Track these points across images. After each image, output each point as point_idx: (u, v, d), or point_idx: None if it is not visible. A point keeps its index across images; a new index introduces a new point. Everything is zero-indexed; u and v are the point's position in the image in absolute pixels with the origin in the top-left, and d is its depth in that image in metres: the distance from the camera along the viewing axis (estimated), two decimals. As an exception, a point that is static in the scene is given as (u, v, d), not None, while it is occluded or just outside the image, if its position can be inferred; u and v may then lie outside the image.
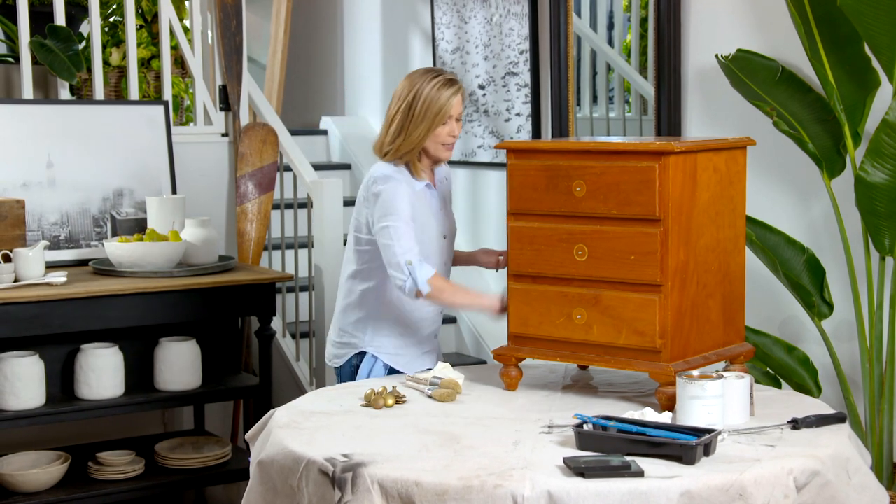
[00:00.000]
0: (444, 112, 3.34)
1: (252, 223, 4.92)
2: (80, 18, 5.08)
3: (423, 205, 3.40)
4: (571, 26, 4.85)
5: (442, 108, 3.33)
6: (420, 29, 5.96)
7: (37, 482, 4.04)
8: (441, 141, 3.37)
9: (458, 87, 3.37)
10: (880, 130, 3.48)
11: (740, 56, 3.86)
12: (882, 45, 3.49)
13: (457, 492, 2.33)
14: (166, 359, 4.25)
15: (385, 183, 3.33)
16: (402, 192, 3.32)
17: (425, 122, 3.33)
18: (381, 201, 3.32)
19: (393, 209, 3.29)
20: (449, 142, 3.39)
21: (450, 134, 3.37)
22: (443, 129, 3.36)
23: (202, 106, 5.05)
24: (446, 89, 3.34)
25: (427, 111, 3.33)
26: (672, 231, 2.81)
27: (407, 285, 3.26)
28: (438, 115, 3.33)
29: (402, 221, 3.29)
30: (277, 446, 2.64)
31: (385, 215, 3.30)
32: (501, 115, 5.29)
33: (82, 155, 4.53)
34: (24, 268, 3.99)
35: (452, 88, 3.35)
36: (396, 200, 3.30)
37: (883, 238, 3.58)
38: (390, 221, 3.29)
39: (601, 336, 2.91)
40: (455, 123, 3.38)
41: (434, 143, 3.37)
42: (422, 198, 3.40)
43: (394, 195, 3.31)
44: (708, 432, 2.49)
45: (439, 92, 3.33)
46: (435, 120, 3.34)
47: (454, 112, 3.36)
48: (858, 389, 3.83)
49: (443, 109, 3.33)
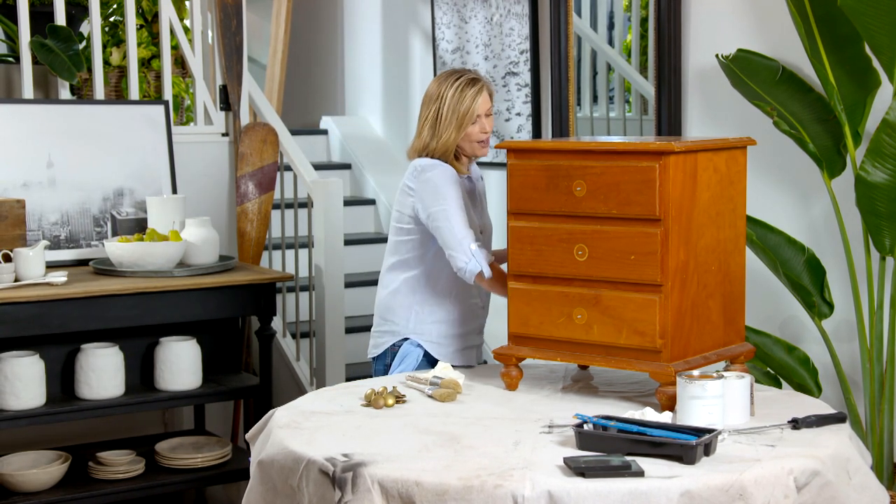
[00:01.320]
0: (471, 113, 3.40)
1: (252, 223, 4.92)
2: (80, 18, 5.08)
3: (466, 196, 3.44)
4: (572, 26, 4.85)
5: (468, 110, 3.40)
6: (420, 29, 5.96)
7: (37, 482, 4.04)
8: (475, 139, 3.43)
9: (480, 85, 3.43)
10: (881, 130, 3.48)
11: (741, 56, 3.86)
12: (882, 44, 3.48)
13: (457, 492, 2.33)
14: (166, 359, 4.25)
15: (433, 169, 3.37)
16: (451, 178, 3.37)
17: (454, 125, 3.40)
18: (431, 186, 3.35)
19: (446, 193, 3.34)
20: (482, 139, 3.45)
21: (482, 131, 3.44)
22: (474, 129, 3.42)
23: (202, 106, 5.05)
24: (469, 89, 3.41)
25: (453, 114, 3.40)
26: (672, 231, 2.81)
27: (469, 266, 3.28)
28: (466, 116, 3.40)
29: (456, 205, 3.33)
30: (277, 446, 2.64)
31: (438, 199, 3.34)
32: (502, 114, 5.29)
33: (83, 155, 4.53)
34: (25, 267, 3.99)
35: (475, 88, 3.41)
36: (448, 186, 3.35)
37: (883, 238, 3.58)
38: (445, 205, 3.33)
39: (601, 336, 2.91)
40: (486, 119, 3.44)
41: (468, 142, 3.43)
42: (464, 189, 3.45)
43: (444, 180, 3.35)
44: (708, 432, 2.49)
45: (462, 93, 3.40)
46: (464, 121, 3.40)
47: (481, 110, 3.42)
48: (859, 389, 3.83)
49: (469, 110, 3.40)
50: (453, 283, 3.43)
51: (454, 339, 3.47)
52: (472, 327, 3.52)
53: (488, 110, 3.45)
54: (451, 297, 3.46)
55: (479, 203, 3.55)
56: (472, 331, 3.52)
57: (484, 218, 3.54)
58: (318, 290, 4.76)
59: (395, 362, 3.46)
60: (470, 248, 3.28)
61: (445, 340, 3.46)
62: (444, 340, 3.46)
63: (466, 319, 3.49)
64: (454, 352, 3.47)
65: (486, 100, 3.43)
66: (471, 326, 3.52)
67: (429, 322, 3.46)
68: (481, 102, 3.42)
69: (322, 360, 4.69)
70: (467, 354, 3.52)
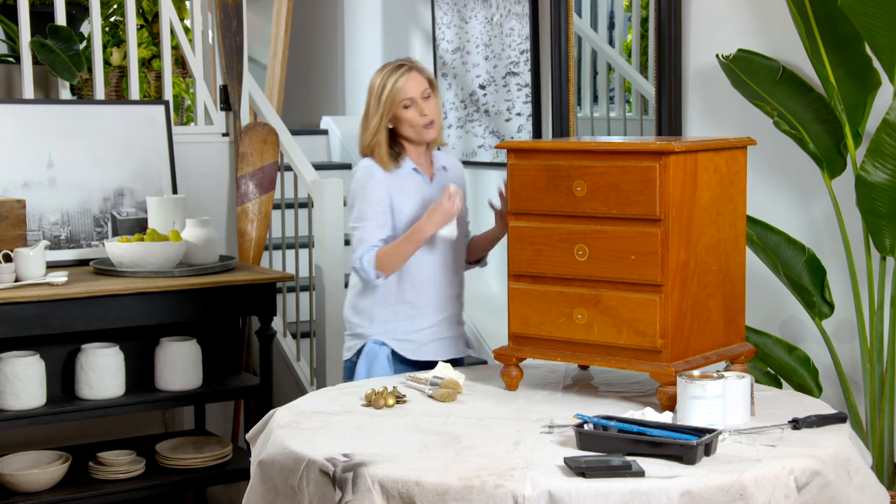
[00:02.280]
0: (397, 96, 3.35)
1: (253, 223, 4.92)
2: (80, 18, 5.08)
3: (409, 189, 3.40)
4: (572, 26, 4.85)
5: (393, 94, 3.35)
6: (420, 29, 5.96)
7: (37, 482, 4.04)
8: (415, 123, 3.38)
9: (405, 68, 3.38)
10: (881, 130, 3.48)
11: (741, 56, 3.86)
12: (883, 44, 3.48)
13: (457, 492, 2.33)
14: (167, 359, 4.25)
15: (354, 184, 3.41)
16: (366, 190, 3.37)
17: (378, 113, 3.37)
18: (351, 196, 3.41)
19: (354, 210, 3.39)
20: (423, 122, 3.38)
21: (420, 114, 3.38)
22: (409, 113, 3.37)
23: (203, 106, 5.05)
24: (393, 74, 3.37)
25: (377, 102, 3.38)
26: (672, 231, 2.81)
27: (369, 277, 3.33)
28: (392, 101, 3.36)
29: (362, 222, 3.36)
30: (278, 446, 2.64)
31: (352, 220, 3.40)
32: (502, 114, 5.29)
33: (83, 155, 4.54)
34: (25, 268, 3.99)
35: (399, 72, 3.37)
36: (359, 201, 3.38)
37: (883, 238, 3.58)
38: (354, 224, 3.39)
39: (602, 336, 2.91)
40: (422, 102, 3.37)
41: (409, 127, 3.39)
42: (405, 182, 3.40)
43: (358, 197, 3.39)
44: (709, 432, 2.49)
45: (387, 79, 3.37)
46: (392, 105, 3.36)
47: (411, 93, 3.36)
48: (859, 389, 3.83)
49: (394, 94, 3.35)
50: (413, 277, 3.41)
51: (419, 334, 3.44)
52: (438, 319, 3.47)
53: (424, 93, 3.38)
54: (413, 292, 3.43)
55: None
56: (439, 322, 3.47)
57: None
58: (318, 290, 4.76)
59: (361, 363, 3.44)
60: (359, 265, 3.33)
61: (410, 336, 3.44)
62: (409, 336, 3.44)
63: (431, 312, 3.45)
64: (419, 346, 3.45)
65: (415, 83, 3.37)
66: (437, 318, 3.47)
67: (391, 319, 3.44)
68: (409, 85, 3.36)
69: (322, 360, 4.69)
70: (438, 347, 3.47)
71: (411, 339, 3.45)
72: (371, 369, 3.42)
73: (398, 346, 3.44)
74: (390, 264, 3.33)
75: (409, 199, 3.40)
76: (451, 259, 3.49)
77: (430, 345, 3.47)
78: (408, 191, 3.41)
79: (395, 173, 3.40)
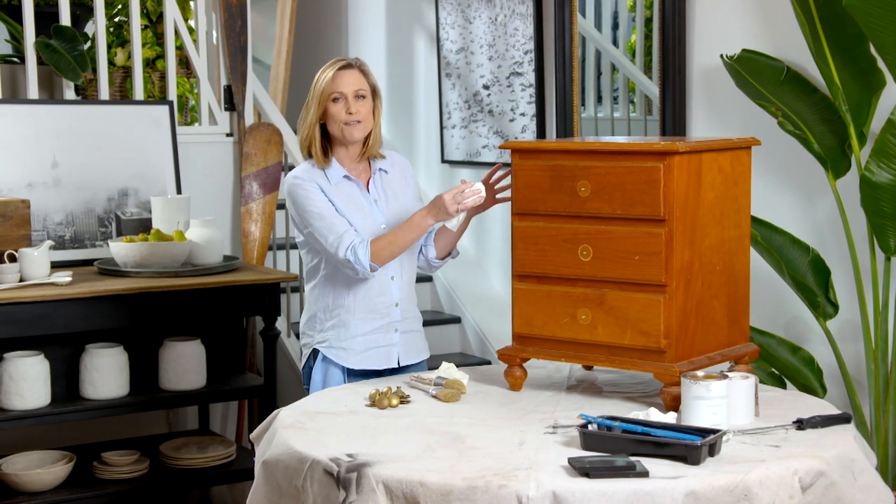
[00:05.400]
0: (327, 89, 3.28)
1: (256, 223, 4.92)
2: (84, 18, 5.09)
3: (343, 197, 3.31)
4: (576, 26, 4.85)
5: (324, 86, 3.28)
6: (424, 29, 5.96)
7: (41, 482, 4.04)
8: (340, 120, 3.29)
9: (346, 64, 3.31)
10: (886, 130, 3.47)
11: (745, 56, 3.85)
12: (887, 44, 3.48)
13: (461, 492, 2.33)
14: (171, 359, 4.25)
15: (290, 191, 3.30)
16: (306, 191, 3.28)
17: (312, 108, 3.30)
18: (294, 211, 3.30)
19: (305, 212, 3.27)
20: (346, 119, 3.29)
21: (346, 111, 3.28)
22: (335, 108, 3.29)
23: (207, 106, 5.06)
24: (331, 68, 3.31)
25: (312, 97, 3.31)
26: (677, 231, 2.81)
27: (360, 272, 3.22)
28: (323, 94, 3.28)
29: (319, 218, 3.25)
30: (282, 446, 2.64)
31: (304, 222, 3.28)
32: (506, 115, 5.29)
33: (87, 155, 4.54)
34: (29, 268, 3.99)
35: (338, 65, 3.31)
36: (305, 202, 3.27)
37: (888, 238, 3.58)
38: (311, 222, 3.26)
39: (606, 336, 2.91)
40: (353, 100, 3.29)
41: (333, 123, 3.30)
42: (341, 190, 3.32)
43: (300, 198, 3.27)
44: (713, 433, 2.49)
45: (323, 73, 3.31)
46: (321, 99, 3.29)
47: (343, 88, 3.28)
48: (863, 390, 3.83)
49: (325, 86, 3.28)
50: (347, 282, 3.32)
51: (355, 341, 3.34)
52: (376, 326, 3.36)
53: (358, 91, 3.29)
54: (343, 300, 3.34)
55: (385, 197, 3.39)
56: (376, 329, 3.36)
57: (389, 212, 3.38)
58: (322, 291, 4.75)
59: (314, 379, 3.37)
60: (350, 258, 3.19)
61: (345, 343, 3.34)
62: (344, 343, 3.34)
63: (369, 319, 3.35)
64: (355, 354, 3.34)
65: (351, 80, 3.29)
66: (375, 325, 3.36)
67: (327, 329, 3.35)
68: (343, 80, 3.28)
69: (326, 360, 4.69)
70: (372, 356, 3.36)
71: (345, 347, 3.35)
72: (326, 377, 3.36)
73: (331, 354, 3.35)
74: (387, 254, 3.23)
75: (347, 209, 3.30)
76: (390, 265, 3.34)
77: (364, 353, 3.36)
78: (344, 200, 3.31)
79: (330, 182, 3.31)
